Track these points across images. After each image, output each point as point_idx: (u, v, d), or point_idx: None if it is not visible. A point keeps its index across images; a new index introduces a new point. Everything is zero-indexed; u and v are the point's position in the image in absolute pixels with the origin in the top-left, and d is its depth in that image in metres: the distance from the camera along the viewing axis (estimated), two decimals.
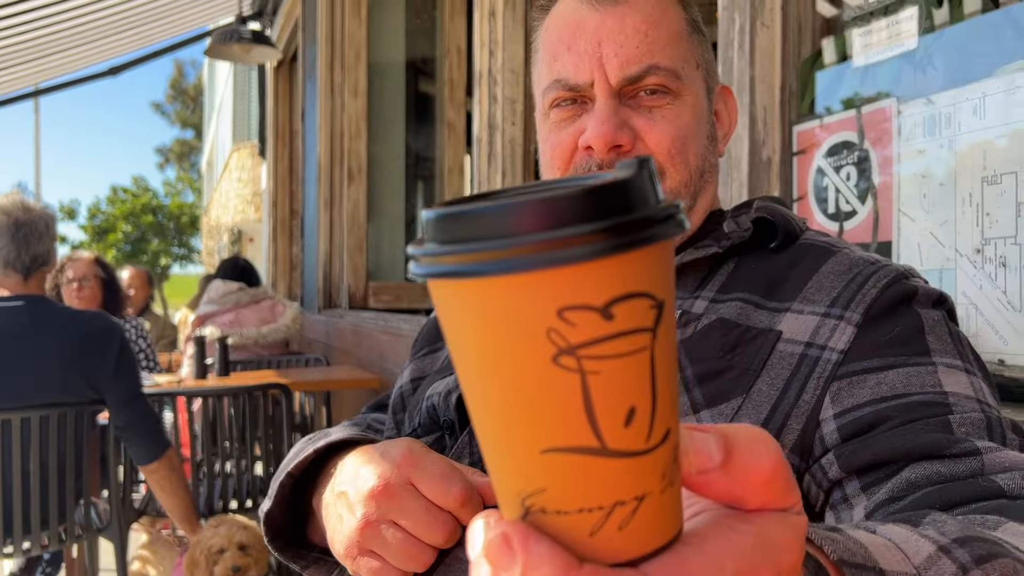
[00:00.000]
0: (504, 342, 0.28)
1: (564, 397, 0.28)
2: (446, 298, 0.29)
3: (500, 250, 0.27)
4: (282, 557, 0.86)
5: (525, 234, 0.27)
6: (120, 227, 34.78)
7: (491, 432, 0.30)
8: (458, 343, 0.30)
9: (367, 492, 0.71)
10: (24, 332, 2.33)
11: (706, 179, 0.91)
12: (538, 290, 0.27)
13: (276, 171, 8.24)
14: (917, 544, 0.50)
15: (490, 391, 0.29)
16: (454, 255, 0.28)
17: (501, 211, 0.28)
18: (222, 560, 2.44)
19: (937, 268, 1.23)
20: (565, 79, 0.87)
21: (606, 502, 0.30)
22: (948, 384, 0.73)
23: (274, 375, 3.65)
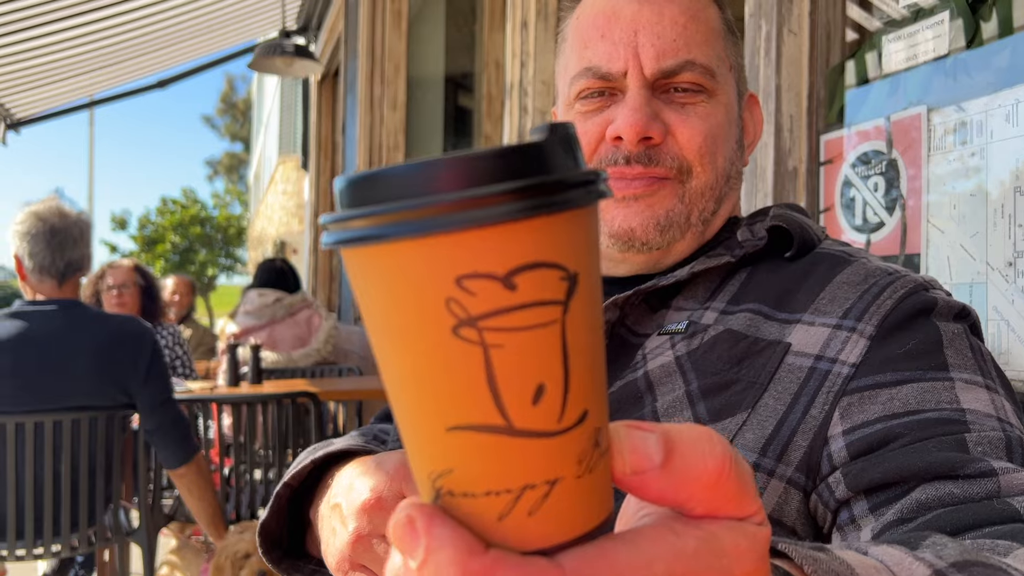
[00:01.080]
0: (406, 312, 0.27)
1: (466, 371, 0.27)
2: (354, 267, 0.28)
3: (397, 213, 0.26)
4: (277, 569, 0.85)
5: (423, 196, 0.26)
6: (169, 238, 35.50)
7: (401, 409, 0.29)
8: (366, 314, 0.28)
9: (360, 505, 0.70)
10: (57, 336, 2.36)
11: (731, 184, 0.89)
12: (435, 256, 0.26)
13: (318, 183, 8.34)
14: (911, 568, 0.47)
15: (396, 364, 0.28)
16: (358, 219, 0.27)
17: (402, 173, 0.26)
18: (248, 565, 2.45)
19: (967, 282, 1.19)
20: (596, 67, 0.84)
21: (514, 485, 0.28)
22: (966, 401, 0.69)
23: (305, 384, 3.67)
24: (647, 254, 0.87)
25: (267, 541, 0.85)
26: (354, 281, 0.29)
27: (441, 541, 0.27)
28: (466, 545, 0.27)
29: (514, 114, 3.07)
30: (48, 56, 5.90)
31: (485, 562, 0.27)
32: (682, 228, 0.85)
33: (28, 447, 2.33)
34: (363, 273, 0.28)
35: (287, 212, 18.19)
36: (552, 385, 0.28)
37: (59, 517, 2.40)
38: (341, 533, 0.71)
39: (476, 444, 0.28)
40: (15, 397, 2.32)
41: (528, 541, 0.28)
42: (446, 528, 0.28)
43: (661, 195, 0.84)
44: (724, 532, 0.30)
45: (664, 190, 0.84)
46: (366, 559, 0.69)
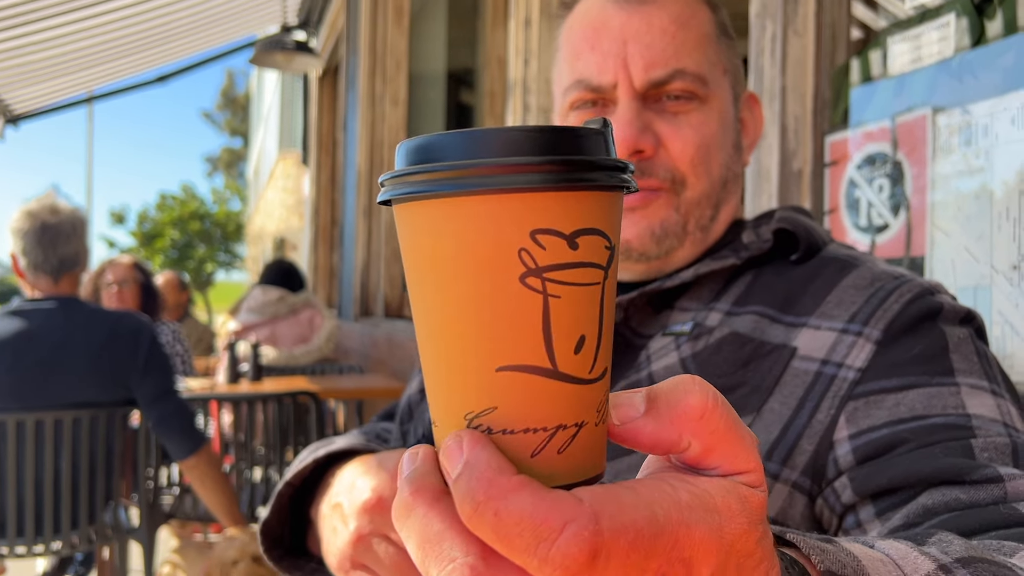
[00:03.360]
0: (480, 258, 0.30)
1: (526, 316, 0.30)
2: (415, 219, 0.31)
3: (486, 168, 0.29)
4: (278, 567, 0.85)
5: (509, 156, 0.29)
6: (168, 233, 35.49)
7: (445, 352, 0.32)
8: (421, 264, 0.32)
9: (361, 505, 0.70)
10: (55, 332, 2.36)
11: (729, 189, 0.88)
12: (517, 210, 0.30)
13: (318, 180, 8.33)
14: (916, 561, 0.47)
15: (453, 310, 0.31)
16: (440, 172, 0.30)
17: (488, 135, 0.30)
18: (234, 572, 2.44)
19: (972, 285, 1.18)
20: (587, 79, 0.84)
21: (550, 424, 0.32)
22: (972, 406, 0.69)
23: (305, 382, 3.67)
24: (646, 263, 0.87)
25: (268, 540, 0.85)
26: (412, 233, 0.32)
27: (479, 458, 0.30)
28: (499, 465, 0.30)
29: (517, 112, 3.06)
30: (47, 51, 5.89)
31: (512, 482, 0.29)
32: (679, 237, 0.85)
33: (28, 445, 2.33)
34: (428, 225, 0.31)
35: (287, 208, 18.16)
36: (590, 337, 0.32)
37: (59, 515, 2.40)
38: (342, 532, 0.71)
39: (523, 384, 0.31)
40: (15, 395, 2.32)
41: (552, 478, 0.32)
42: (486, 450, 0.31)
43: (656, 206, 0.84)
44: (716, 490, 0.33)
45: (659, 201, 0.84)
46: (367, 558, 0.69)
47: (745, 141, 0.93)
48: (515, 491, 0.29)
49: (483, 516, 0.29)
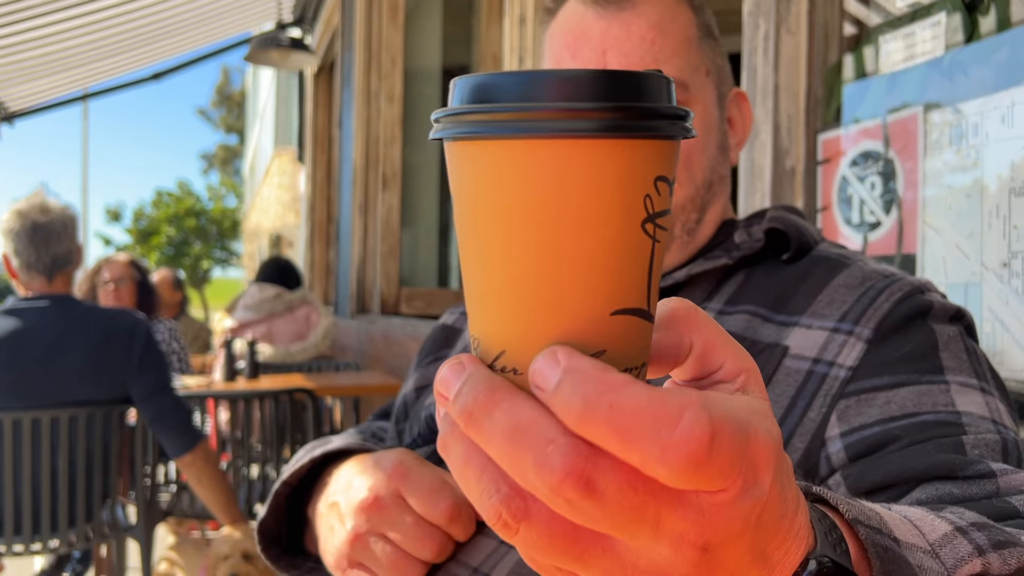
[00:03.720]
0: (608, 203, 0.30)
1: (639, 260, 0.31)
2: (539, 162, 0.30)
3: (628, 111, 0.30)
4: (275, 566, 0.86)
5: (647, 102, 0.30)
6: (164, 230, 35.42)
7: (547, 296, 0.31)
8: (541, 209, 0.30)
9: (357, 504, 0.71)
10: (50, 331, 2.36)
11: (715, 191, 0.89)
12: (648, 156, 0.30)
13: (314, 177, 8.33)
14: (933, 523, 0.48)
15: (575, 255, 0.30)
16: (586, 112, 0.29)
17: (625, 78, 0.30)
18: (223, 567, 2.45)
19: (963, 282, 1.19)
20: None
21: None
22: (961, 404, 0.70)
23: (302, 379, 3.67)
24: None
25: (266, 539, 0.86)
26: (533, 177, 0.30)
27: (581, 363, 0.29)
28: (603, 367, 0.30)
29: None
30: (42, 48, 5.88)
31: (620, 379, 0.29)
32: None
33: (25, 443, 2.33)
34: (558, 168, 0.30)
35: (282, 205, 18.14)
36: (655, 281, 0.33)
37: (56, 513, 2.40)
38: (339, 531, 0.72)
39: (630, 326, 0.32)
40: (11, 393, 2.32)
41: None
42: (585, 359, 0.30)
43: None
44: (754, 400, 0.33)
45: None
46: (364, 557, 0.70)
47: (733, 140, 0.93)
48: (626, 385, 0.29)
49: (596, 411, 0.28)
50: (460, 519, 0.69)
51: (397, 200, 6.05)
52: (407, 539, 0.68)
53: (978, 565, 0.46)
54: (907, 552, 0.43)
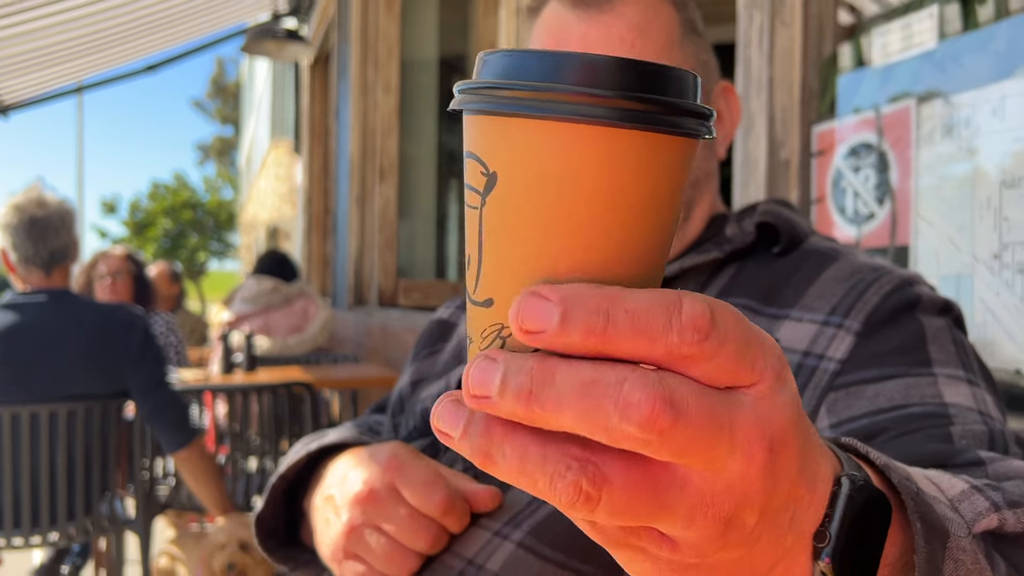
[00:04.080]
0: (625, 194, 0.31)
1: (651, 250, 0.32)
2: (557, 143, 0.30)
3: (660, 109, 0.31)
4: (272, 558, 0.87)
5: (677, 100, 0.31)
6: (160, 222, 35.37)
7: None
8: (556, 189, 0.31)
9: (352, 497, 0.72)
10: (48, 326, 2.37)
11: (701, 188, 0.89)
12: (666, 151, 0.31)
13: (311, 168, 8.32)
14: (950, 481, 0.49)
15: (587, 239, 0.31)
16: (610, 99, 0.30)
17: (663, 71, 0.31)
18: (219, 556, 2.47)
19: (954, 274, 1.20)
20: None
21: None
22: (949, 395, 0.71)
23: (300, 372, 3.68)
24: None
25: (263, 531, 0.86)
26: (549, 154, 0.30)
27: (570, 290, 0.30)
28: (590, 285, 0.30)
29: None
30: (36, 41, 5.86)
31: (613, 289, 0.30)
32: None
33: (24, 437, 2.34)
34: (569, 147, 0.30)
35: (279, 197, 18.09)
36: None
37: (55, 507, 2.41)
38: (335, 523, 0.73)
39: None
40: (10, 388, 2.33)
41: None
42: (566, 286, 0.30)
43: None
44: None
45: None
46: (359, 548, 0.71)
47: (720, 133, 0.93)
48: (626, 292, 0.30)
49: (616, 318, 0.29)
50: (454, 511, 0.70)
51: (394, 192, 6.05)
52: (402, 531, 0.69)
53: (995, 520, 0.47)
54: (931, 502, 0.44)
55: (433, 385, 0.94)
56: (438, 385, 0.93)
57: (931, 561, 0.40)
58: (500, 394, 0.30)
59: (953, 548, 0.43)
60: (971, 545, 0.44)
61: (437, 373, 0.98)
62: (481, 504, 0.71)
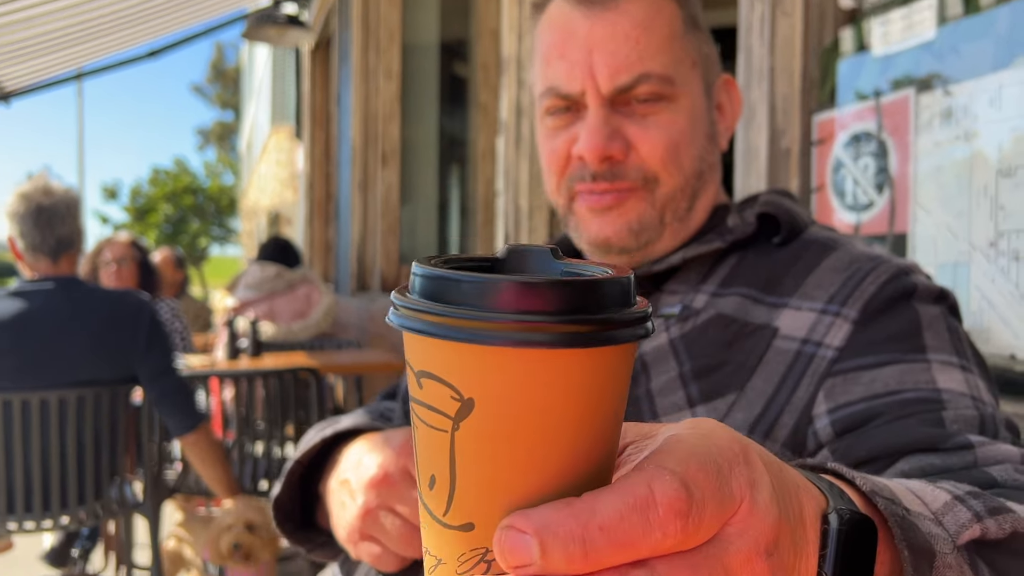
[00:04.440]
0: (576, 406, 0.31)
1: (605, 449, 0.33)
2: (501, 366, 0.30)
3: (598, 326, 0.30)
4: (290, 540, 0.89)
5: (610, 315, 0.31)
6: (161, 208, 35.34)
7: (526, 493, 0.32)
8: (505, 407, 0.31)
9: (367, 480, 0.74)
10: (57, 313, 2.39)
11: (705, 179, 0.91)
12: (611, 358, 0.31)
13: (312, 154, 8.32)
14: (933, 493, 0.52)
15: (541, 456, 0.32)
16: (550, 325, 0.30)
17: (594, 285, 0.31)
18: (226, 536, 2.51)
19: (952, 262, 1.22)
20: (557, 87, 0.87)
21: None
22: (942, 381, 0.73)
23: (304, 358, 3.71)
24: (628, 256, 0.90)
25: (280, 515, 0.89)
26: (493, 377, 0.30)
27: (541, 517, 0.30)
28: (559, 503, 0.31)
29: (511, 87, 3.07)
30: (36, 27, 5.85)
31: (583, 503, 0.31)
32: (656, 230, 0.88)
33: (34, 423, 2.37)
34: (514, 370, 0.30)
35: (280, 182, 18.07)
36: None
37: (66, 491, 2.45)
38: (350, 506, 0.76)
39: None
40: (19, 375, 2.35)
41: None
42: (537, 510, 0.31)
43: (631, 204, 0.87)
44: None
45: (633, 198, 0.87)
46: (374, 530, 0.74)
47: (722, 126, 0.94)
48: (594, 502, 0.30)
49: (593, 542, 0.29)
50: None
51: (396, 177, 6.06)
52: (415, 513, 0.72)
53: (977, 530, 0.49)
54: (916, 520, 0.46)
55: None
56: None
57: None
58: (550, 552, 0.30)
59: (940, 566, 0.45)
60: (956, 560, 0.47)
61: None
62: None
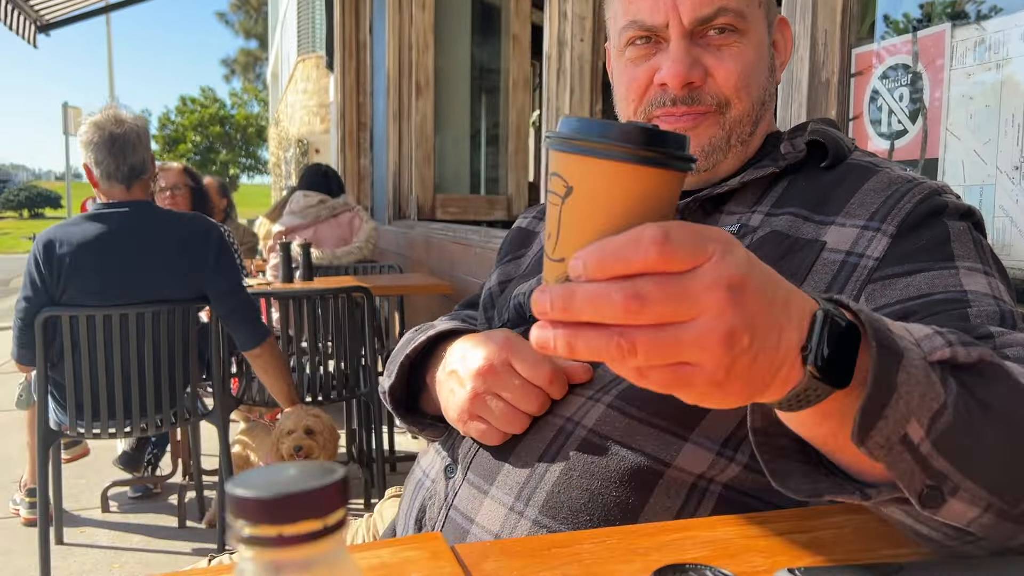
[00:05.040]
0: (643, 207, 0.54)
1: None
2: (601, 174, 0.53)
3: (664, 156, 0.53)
4: (403, 422, 1.06)
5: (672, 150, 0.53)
6: (189, 137, 35.46)
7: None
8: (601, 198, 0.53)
9: (475, 370, 0.90)
10: (134, 235, 2.55)
11: (765, 107, 1.02)
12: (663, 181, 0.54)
13: (344, 84, 8.36)
14: (920, 328, 0.63)
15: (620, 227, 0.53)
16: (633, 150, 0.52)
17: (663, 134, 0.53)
18: (288, 440, 2.72)
19: (979, 184, 1.34)
20: (640, 20, 0.97)
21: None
22: (968, 284, 0.85)
23: (353, 280, 3.88)
24: (696, 175, 1.02)
25: (393, 401, 1.05)
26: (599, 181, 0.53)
27: (591, 249, 0.50)
28: (600, 243, 0.50)
29: (554, 19, 3.15)
30: None
31: (611, 239, 0.49)
32: (724, 151, 1.00)
33: (115, 337, 2.56)
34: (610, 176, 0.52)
35: (308, 111, 18.11)
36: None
37: (145, 399, 2.65)
38: (460, 392, 0.91)
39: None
40: (102, 293, 2.53)
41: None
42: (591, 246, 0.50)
43: (704, 126, 0.98)
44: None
45: (707, 122, 0.98)
46: (481, 411, 0.90)
47: (777, 61, 1.06)
48: (614, 238, 0.49)
49: (605, 257, 0.49)
50: (557, 381, 0.88)
51: (431, 107, 6.14)
52: (516, 397, 0.87)
53: (947, 352, 0.61)
54: (894, 333, 0.59)
55: (523, 284, 1.09)
56: (528, 284, 1.08)
57: (885, 371, 0.56)
58: (551, 309, 0.50)
59: (906, 364, 0.57)
60: (923, 364, 0.59)
61: (523, 274, 1.14)
62: (577, 377, 0.89)
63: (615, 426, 0.85)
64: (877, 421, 0.55)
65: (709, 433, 0.84)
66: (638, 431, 0.84)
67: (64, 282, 2.51)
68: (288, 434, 2.75)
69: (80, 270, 2.50)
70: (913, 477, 0.58)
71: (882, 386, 0.55)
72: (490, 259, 3.92)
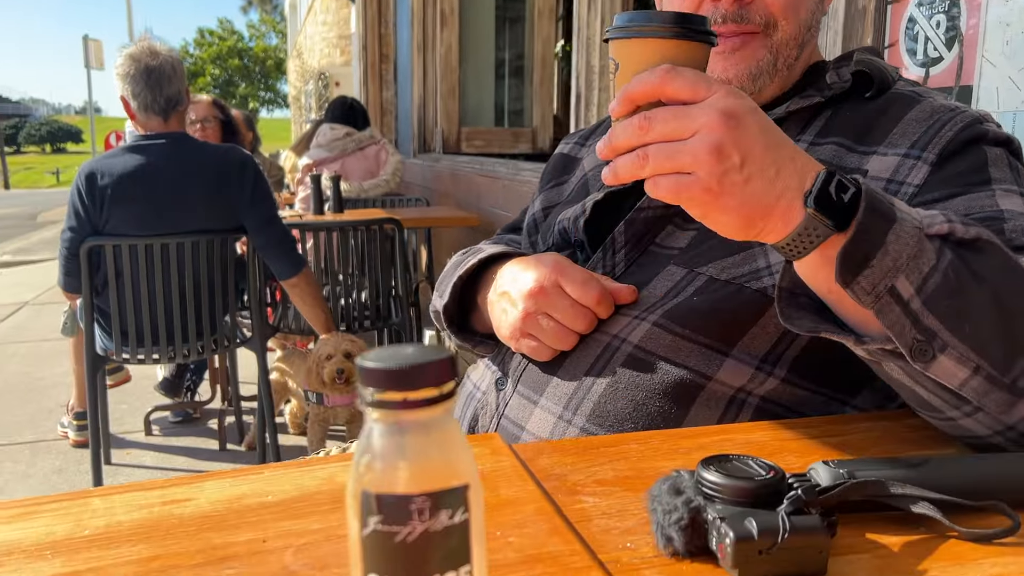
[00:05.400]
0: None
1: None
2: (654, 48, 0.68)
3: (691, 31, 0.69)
4: (456, 339, 1.11)
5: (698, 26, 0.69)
6: (208, 71, 35.26)
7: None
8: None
9: (526, 291, 0.95)
10: (171, 166, 2.61)
11: (812, 33, 1.03)
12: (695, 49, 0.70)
13: (366, 15, 8.27)
14: (930, 212, 0.70)
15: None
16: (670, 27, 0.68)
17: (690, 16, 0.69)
18: (329, 365, 2.81)
19: (1012, 110, 1.36)
20: None
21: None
22: (1004, 204, 0.88)
23: (382, 212, 3.93)
24: None
25: (447, 319, 1.11)
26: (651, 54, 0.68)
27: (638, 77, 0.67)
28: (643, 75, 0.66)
29: None
30: None
31: (646, 73, 0.66)
32: (770, 75, 1.02)
33: (157, 266, 2.64)
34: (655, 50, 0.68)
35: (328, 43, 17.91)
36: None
37: (186, 326, 2.74)
38: (511, 312, 0.97)
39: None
40: (144, 222, 2.60)
41: None
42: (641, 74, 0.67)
43: (752, 47, 1.00)
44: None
45: (754, 43, 1.00)
46: (533, 329, 0.95)
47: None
48: (639, 76, 0.66)
49: (634, 87, 0.65)
50: (605, 302, 0.93)
51: (455, 38, 6.09)
52: (566, 317, 0.93)
53: (945, 227, 0.68)
54: (894, 204, 0.66)
55: (567, 210, 1.13)
56: (572, 210, 1.12)
57: (873, 225, 0.64)
58: (604, 148, 0.66)
59: (898, 228, 0.65)
60: (917, 232, 0.66)
61: (566, 200, 1.18)
62: (623, 298, 0.95)
63: (660, 343, 0.90)
64: (863, 269, 0.64)
65: (749, 349, 0.89)
66: (682, 347, 0.90)
67: (107, 212, 2.58)
68: (328, 358, 2.84)
69: (121, 200, 2.57)
70: (904, 330, 0.66)
71: (867, 237, 0.64)
72: (519, 192, 3.95)
